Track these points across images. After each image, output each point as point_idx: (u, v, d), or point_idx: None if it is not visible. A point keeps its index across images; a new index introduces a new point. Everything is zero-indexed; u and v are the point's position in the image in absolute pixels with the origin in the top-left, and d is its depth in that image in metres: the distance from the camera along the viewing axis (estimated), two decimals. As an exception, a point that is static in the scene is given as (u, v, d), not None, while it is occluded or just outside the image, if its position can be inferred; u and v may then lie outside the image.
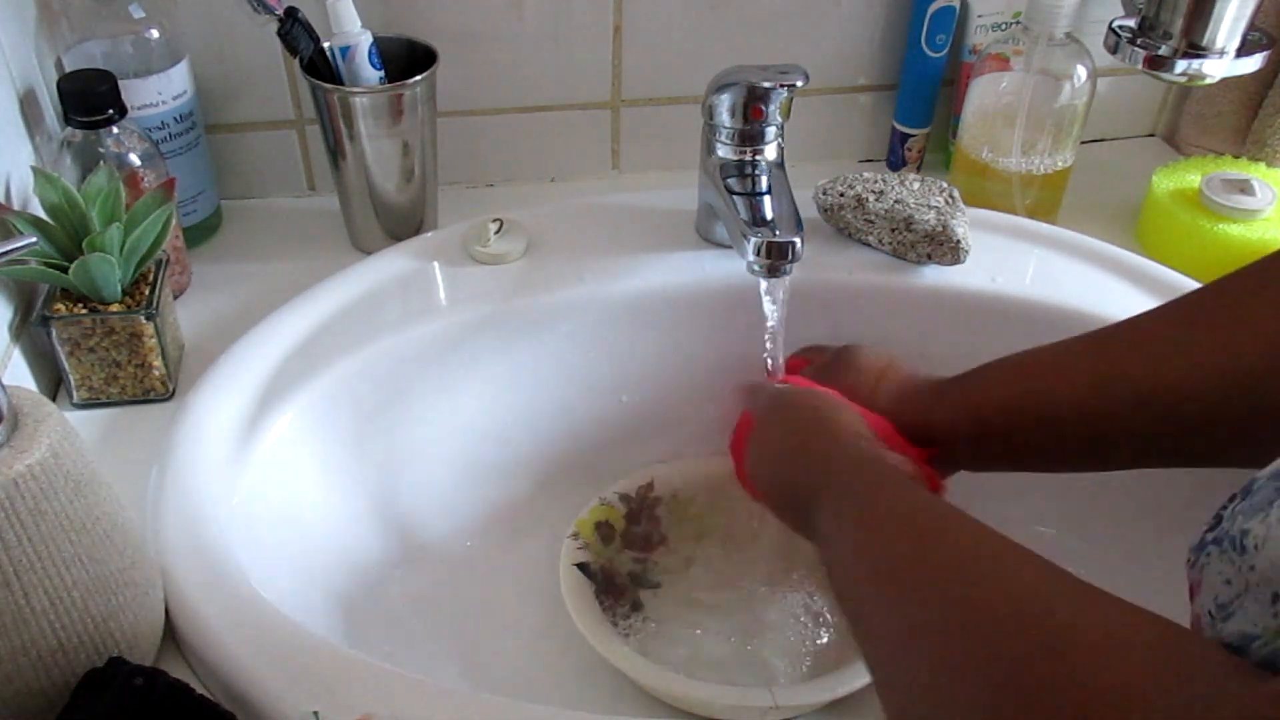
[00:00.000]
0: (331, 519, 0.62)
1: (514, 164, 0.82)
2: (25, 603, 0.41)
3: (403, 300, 0.66)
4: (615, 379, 0.70)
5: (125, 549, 0.45)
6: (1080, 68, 0.73)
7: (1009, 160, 0.76)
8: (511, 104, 0.79)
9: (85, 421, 0.61)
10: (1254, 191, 0.73)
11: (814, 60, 0.81)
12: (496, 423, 0.69)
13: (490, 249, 0.69)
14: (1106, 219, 0.80)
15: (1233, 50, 0.69)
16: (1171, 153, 0.89)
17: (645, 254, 0.70)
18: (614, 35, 0.77)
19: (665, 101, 0.81)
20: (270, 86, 0.75)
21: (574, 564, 0.63)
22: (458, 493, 0.68)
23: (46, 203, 0.59)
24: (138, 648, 0.46)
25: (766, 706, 0.56)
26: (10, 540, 0.40)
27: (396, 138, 0.69)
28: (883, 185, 0.70)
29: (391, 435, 0.65)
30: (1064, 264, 0.71)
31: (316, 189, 0.80)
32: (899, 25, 0.80)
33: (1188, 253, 0.73)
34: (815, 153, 0.85)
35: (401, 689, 0.47)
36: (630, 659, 0.58)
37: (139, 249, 0.60)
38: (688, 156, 0.73)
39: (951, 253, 0.68)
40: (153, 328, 0.60)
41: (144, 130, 0.66)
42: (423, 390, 0.66)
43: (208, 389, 0.60)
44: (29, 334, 0.61)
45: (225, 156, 0.77)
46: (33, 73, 0.65)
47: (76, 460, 0.42)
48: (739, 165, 0.65)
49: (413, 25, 0.73)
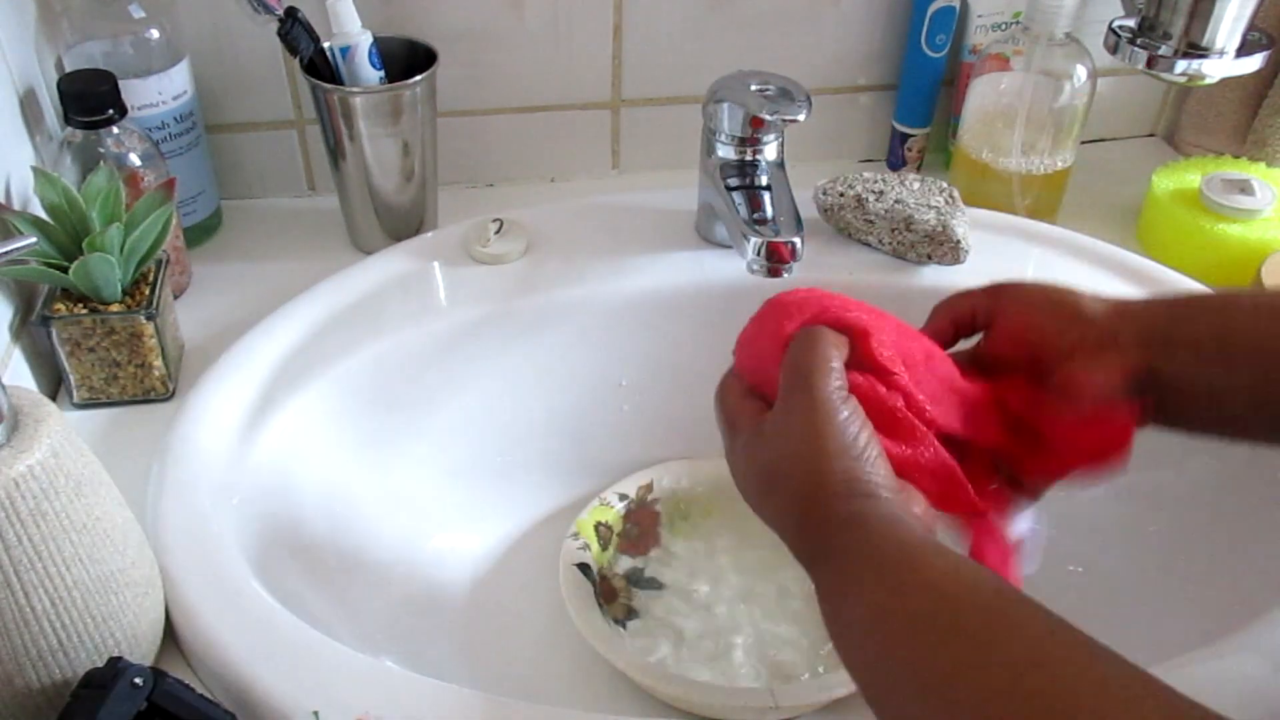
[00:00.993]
0: (331, 518, 0.62)
1: (514, 164, 0.82)
2: (25, 603, 0.41)
3: (403, 300, 0.66)
4: (615, 379, 0.70)
5: (125, 549, 0.45)
6: (1080, 68, 0.73)
7: (1009, 160, 0.76)
8: (511, 104, 0.79)
9: (85, 421, 0.61)
10: (1254, 191, 0.73)
11: (814, 60, 0.81)
12: (496, 423, 0.69)
13: (490, 249, 0.69)
14: (1106, 219, 0.80)
15: (1233, 50, 0.69)
16: (1171, 153, 0.89)
17: (645, 254, 0.70)
18: (614, 35, 0.77)
19: (665, 101, 0.81)
20: (270, 86, 0.75)
21: (574, 564, 0.63)
22: (457, 493, 0.68)
23: (46, 203, 0.59)
24: (138, 648, 0.46)
25: (766, 706, 0.56)
26: (10, 540, 0.40)
27: (396, 138, 0.69)
28: (883, 185, 0.71)
29: (391, 435, 0.65)
30: (1064, 264, 0.71)
31: (316, 189, 0.80)
32: (899, 25, 0.80)
33: (1188, 253, 0.73)
34: (815, 153, 0.85)
35: (401, 689, 0.47)
36: (630, 659, 0.58)
37: (139, 249, 0.60)
38: (688, 156, 0.73)
39: (951, 253, 0.68)
40: (153, 328, 0.60)
41: (144, 130, 0.66)
42: (423, 390, 0.66)
43: (208, 389, 0.60)
44: (29, 334, 0.61)
45: (225, 156, 0.77)
46: (33, 73, 0.65)
47: (77, 460, 0.42)
48: (739, 165, 0.65)
49: (413, 25, 0.73)
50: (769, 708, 0.56)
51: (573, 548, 0.64)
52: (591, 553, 0.64)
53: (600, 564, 0.65)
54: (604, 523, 0.67)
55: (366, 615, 0.60)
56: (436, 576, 0.66)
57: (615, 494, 0.68)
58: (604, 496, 0.68)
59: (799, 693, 0.57)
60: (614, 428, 0.71)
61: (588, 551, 0.64)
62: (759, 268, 0.61)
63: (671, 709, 0.59)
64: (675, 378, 0.71)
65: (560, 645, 0.62)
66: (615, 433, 0.71)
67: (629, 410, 0.71)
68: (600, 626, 0.60)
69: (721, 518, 0.69)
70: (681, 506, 0.69)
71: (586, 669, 0.61)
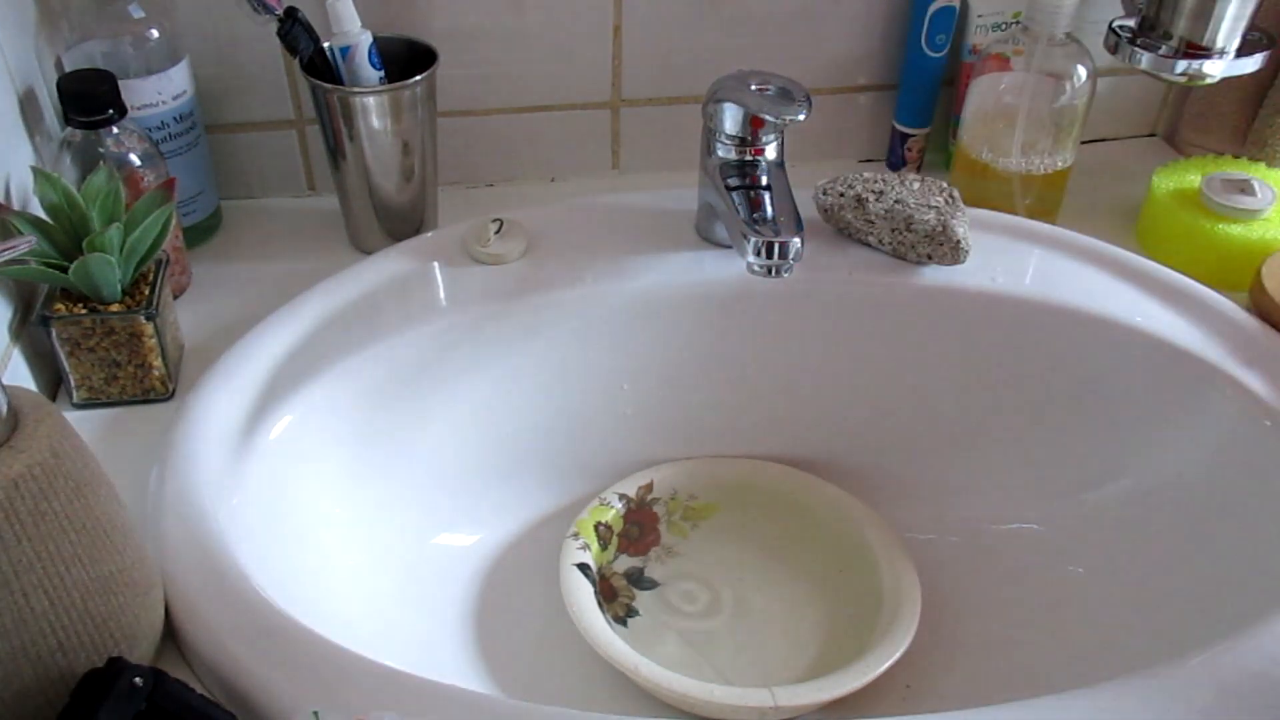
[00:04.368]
0: (331, 519, 0.62)
1: (514, 164, 0.82)
2: (25, 603, 0.41)
3: (403, 300, 0.66)
4: (615, 379, 0.70)
5: (125, 549, 0.45)
6: (1080, 68, 0.73)
7: (1009, 160, 0.76)
8: (511, 104, 0.79)
9: (85, 421, 0.61)
10: (1254, 191, 0.73)
11: (814, 60, 0.81)
12: (496, 422, 0.69)
13: (490, 249, 0.69)
14: (1106, 219, 0.80)
15: (1233, 50, 0.69)
16: (1171, 153, 0.89)
17: (645, 254, 0.70)
18: (614, 35, 0.77)
19: (665, 101, 0.81)
20: (270, 86, 0.75)
21: (574, 564, 0.63)
22: (457, 492, 0.68)
23: (46, 203, 0.59)
24: (138, 648, 0.46)
25: (766, 707, 0.56)
26: (10, 540, 0.40)
27: (396, 138, 0.69)
28: (883, 185, 0.70)
29: (391, 434, 0.65)
30: (1064, 264, 0.71)
31: (316, 189, 0.80)
32: (899, 25, 0.80)
33: (1188, 253, 0.73)
34: (815, 153, 0.85)
35: (401, 689, 0.47)
36: (630, 659, 0.58)
37: (139, 249, 0.60)
38: (688, 156, 0.73)
39: (951, 253, 0.68)
40: (153, 328, 0.60)
41: (144, 130, 0.66)
42: (422, 390, 0.66)
43: (208, 389, 0.60)
44: (29, 334, 0.61)
45: (225, 156, 0.77)
46: (33, 73, 0.65)
47: (76, 460, 0.42)
48: (739, 165, 0.65)
49: (413, 25, 0.73)
50: (768, 708, 0.56)
51: (573, 548, 0.64)
52: (591, 553, 0.64)
53: (600, 564, 0.65)
54: (604, 523, 0.67)
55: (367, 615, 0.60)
56: (436, 576, 0.66)
57: (615, 494, 0.68)
58: (604, 497, 0.68)
59: (799, 693, 0.57)
60: (614, 427, 0.71)
61: (588, 551, 0.64)
62: (759, 268, 0.61)
63: (671, 709, 0.59)
64: (675, 377, 0.71)
65: (560, 645, 0.62)
66: (615, 432, 0.71)
67: (629, 410, 0.71)
68: (600, 626, 0.60)
69: (722, 517, 0.69)
70: (682, 506, 0.69)
71: (587, 669, 0.61)
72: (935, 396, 0.71)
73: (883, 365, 0.70)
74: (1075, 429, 0.69)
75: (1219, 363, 0.64)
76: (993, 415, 0.70)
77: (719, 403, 0.71)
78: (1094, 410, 0.68)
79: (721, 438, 0.72)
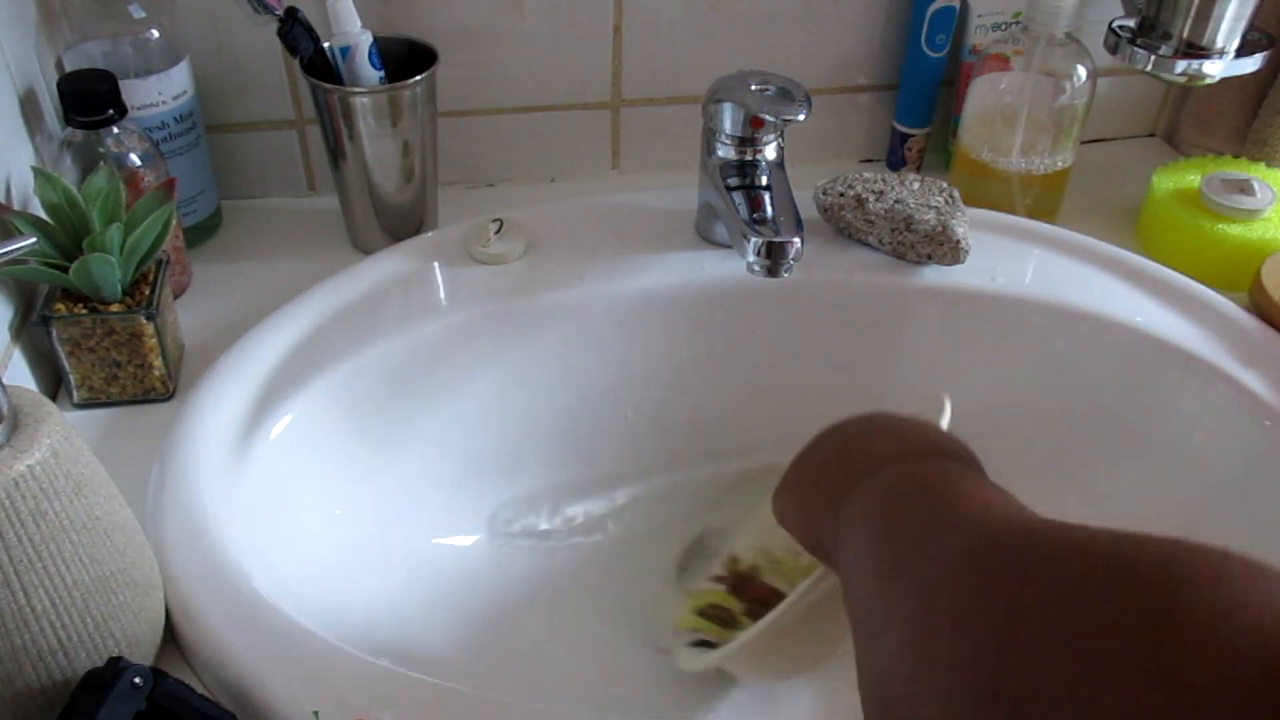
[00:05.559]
0: (331, 518, 0.62)
1: (514, 164, 0.82)
2: (25, 603, 0.41)
3: (403, 300, 0.66)
4: (615, 379, 0.70)
5: (125, 549, 0.45)
6: (1080, 68, 0.73)
7: (1009, 160, 0.76)
8: (511, 104, 0.79)
9: (85, 421, 0.61)
10: (1254, 191, 0.73)
11: (814, 60, 0.81)
12: (496, 422, 0.69)
13: (490, 249, 0.69)
14: (1106, 219, 0.80)
15: (1233, 50, 0.69)
16: (1171, 153, 0.89)
17: (645, 254, 0.70)
18: (614, 35, 0.77)
19: (665, 101, 0.81)
20: (270, 86, 0.75)
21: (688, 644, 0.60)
22: (458, 492, 0.68)
23: (46, 203, 0.59)
24: (138, 648, 0.46)
25: None
26: (10, 540, 0.40)
27: (396, 138, 0.69)
28: (883, 185, 0.71)
29: (391, 435, 0.65)
30: (1064, 264, 0.71)
31: (316, 189, 0.80)
32: (899, 25, 0.80)
33: (1188, 253, 0.73)
34: (815, 153, 0.85)
35: (401, 689, 0.47)
36: None
37: (139, 249, 0.60)
38: (688, 156, 0.73)
39: (951, 253, 0.68)
40: (153, 328, 0.60)
41: (144, 130, 0.66)
42: (423, 390, 0.66)
43: (208, 389, 0.60)
44: (29, 334, 0.61)
45: (225, 156, 0.77)
46: (33, 73, 0.65)
47: (77, 460, 0.42)
48: (739, 165, 0.65)
49: (413, 25, 0.73)
50: None
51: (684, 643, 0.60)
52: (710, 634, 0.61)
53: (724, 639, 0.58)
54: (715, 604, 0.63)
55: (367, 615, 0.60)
56: (437, 576, 0.66)
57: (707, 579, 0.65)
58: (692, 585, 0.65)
59: None
60: (614, 427, 0.71)
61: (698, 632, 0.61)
62: (759, 268, 0.61)
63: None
64: (675, 377, 0.71)
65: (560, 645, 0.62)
66: (615, 432, 0.71)
67: (629, 410, 0.71)
68: None
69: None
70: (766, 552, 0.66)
71: (586, 669, 0.61)
72: (935, 396, 0.71)
73: (882, 365, 0.70)
74: (1075, 429, 0.69)
75: (1219, 363, 0.64)
76: (992, 415, 0.70)
77: (718, 402, 0.71)
78: (1093, 410, 0.68)
79: (721, 437, 0.72)
